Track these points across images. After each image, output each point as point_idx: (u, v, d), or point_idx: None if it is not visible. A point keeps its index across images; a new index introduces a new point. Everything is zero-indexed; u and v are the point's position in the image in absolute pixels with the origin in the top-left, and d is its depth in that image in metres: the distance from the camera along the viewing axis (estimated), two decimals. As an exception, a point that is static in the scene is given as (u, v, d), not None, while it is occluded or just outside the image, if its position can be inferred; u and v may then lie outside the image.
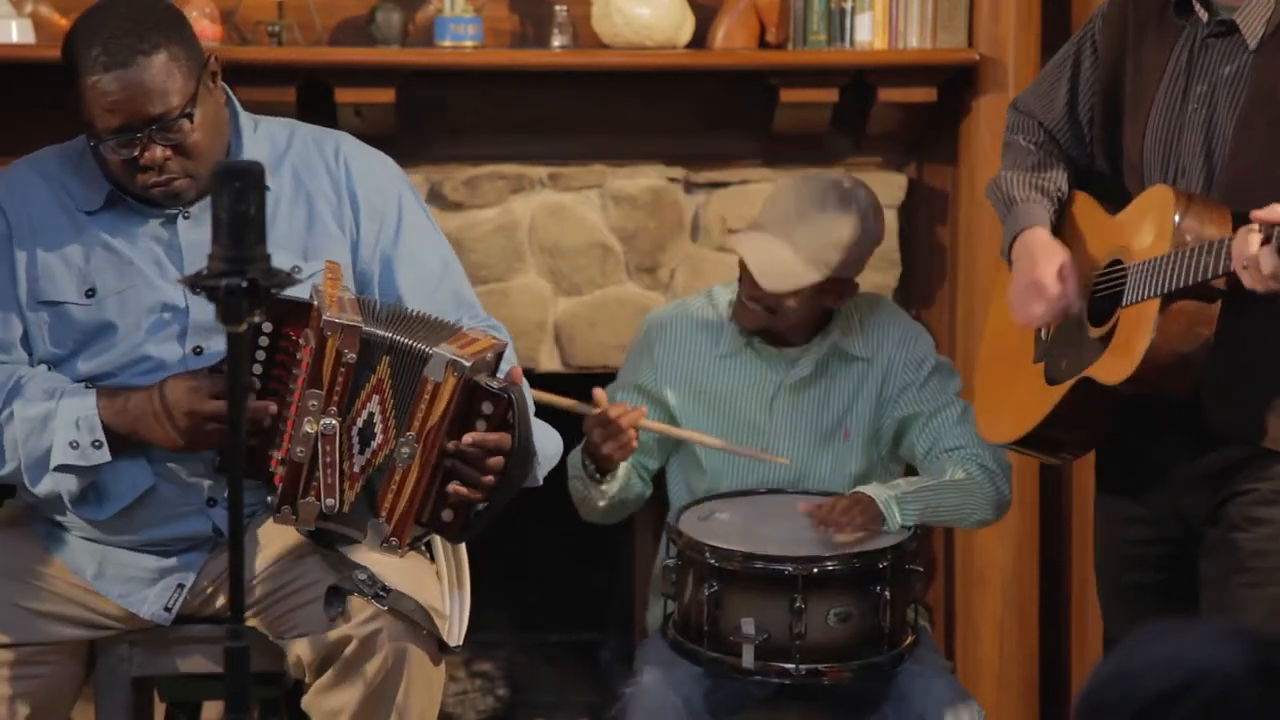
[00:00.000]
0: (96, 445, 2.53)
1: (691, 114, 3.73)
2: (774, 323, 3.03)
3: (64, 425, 2.52)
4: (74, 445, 2.52)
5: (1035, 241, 2.58)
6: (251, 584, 2.61)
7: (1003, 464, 3.00)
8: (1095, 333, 2.52)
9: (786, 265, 2.94)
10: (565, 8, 3.58)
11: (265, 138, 2.73)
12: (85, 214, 2.65)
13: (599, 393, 2.93)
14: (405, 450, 2.49)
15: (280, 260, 2.61)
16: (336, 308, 2.49)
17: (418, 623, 2.53)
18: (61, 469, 2.53)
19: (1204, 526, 2.51)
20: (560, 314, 3.75)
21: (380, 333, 2.50)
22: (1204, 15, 2.45)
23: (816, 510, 2.86)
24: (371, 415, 2.51)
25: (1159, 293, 2.37)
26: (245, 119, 2.72)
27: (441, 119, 3.67)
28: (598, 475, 2.99)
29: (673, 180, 3.74)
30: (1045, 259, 2.55)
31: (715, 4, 3.65)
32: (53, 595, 2.63)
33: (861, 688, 2.83)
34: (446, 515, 2.54)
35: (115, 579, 2.64)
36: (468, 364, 2.47)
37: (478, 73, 3.63)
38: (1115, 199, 2.58)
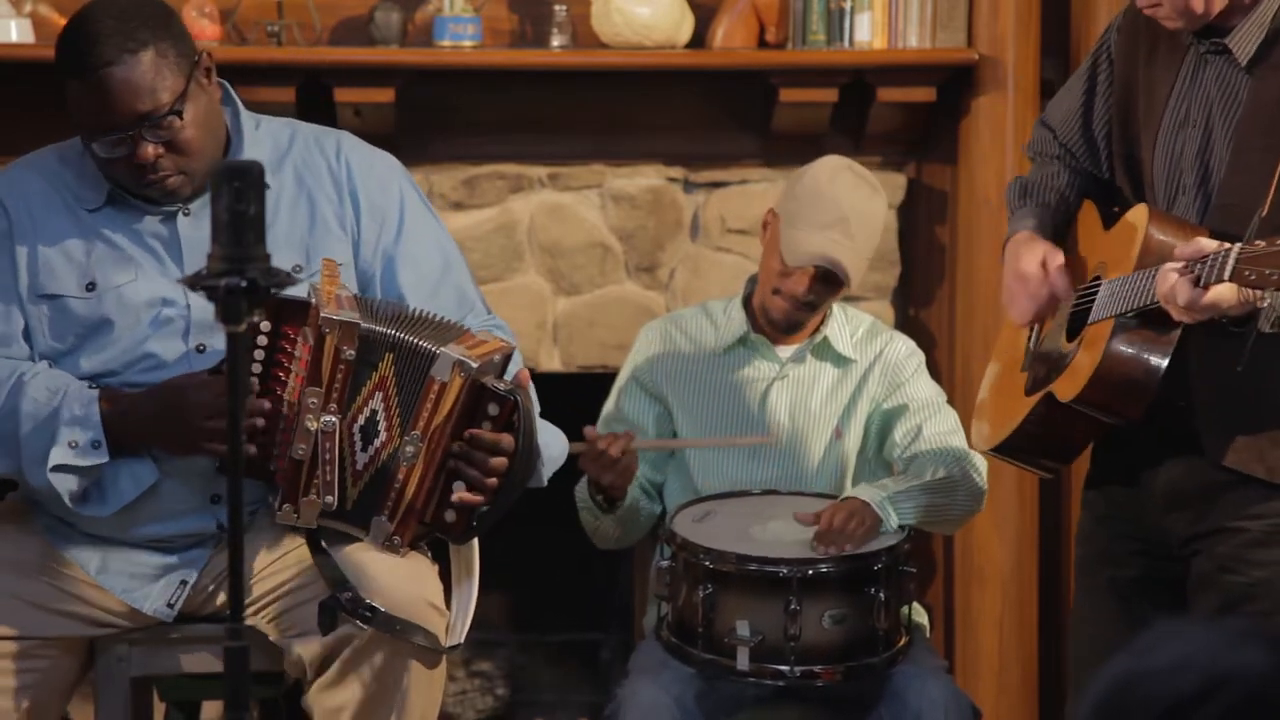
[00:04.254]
0: (95, 446, 2.51)
1: (691, 114, 3.73)
2: (805, 316, 3.09)
3: (65, 424, 2.52)
4: (73, 445, 2.51)
5: (1017, 244, 2.59)
6: (252, 583, 2.61)
7: (978, 463, 3.05)
8: (1067, 347, 2.50)
9: (854, 260, 3.01)
10: (565, 7, 3.58)
11: (267, 137, 2.71)
12: (87, 211, 2.65)
13: (589, 431, 2.94)
14: (410, 449, 2.50)
15: (282, 259, 2.59)
16: (334, 305, 2.49)
17: (408, 640, 2.51)
18: (59, 469, 2.52)
19: (1189, 554, 2.46)
20: (560, 314, 3.75)
21: (381, 329, 2.50)
22: (1195, 42, 2.42)
23: (818, 532, 2.84)
24: (374, 413, 2.51)
25: (1112, 314, 2.36)
26: (247, 118, 2.71)
27: (441, 119, 3.67)
28: (605, 505, 3.01)
29: (672, 180, 3.74)
30: (1027, 255, 2.54)
31: (714, 3, 3.66)
32: (55, 590, 2.62)
33: (857, 689, 2.83)
34: (449, 516, 2.54)
35: (119, 574, 2.64)
36: (475, 365, 2.47)
37: (477, 72, 3.64)
38: None
